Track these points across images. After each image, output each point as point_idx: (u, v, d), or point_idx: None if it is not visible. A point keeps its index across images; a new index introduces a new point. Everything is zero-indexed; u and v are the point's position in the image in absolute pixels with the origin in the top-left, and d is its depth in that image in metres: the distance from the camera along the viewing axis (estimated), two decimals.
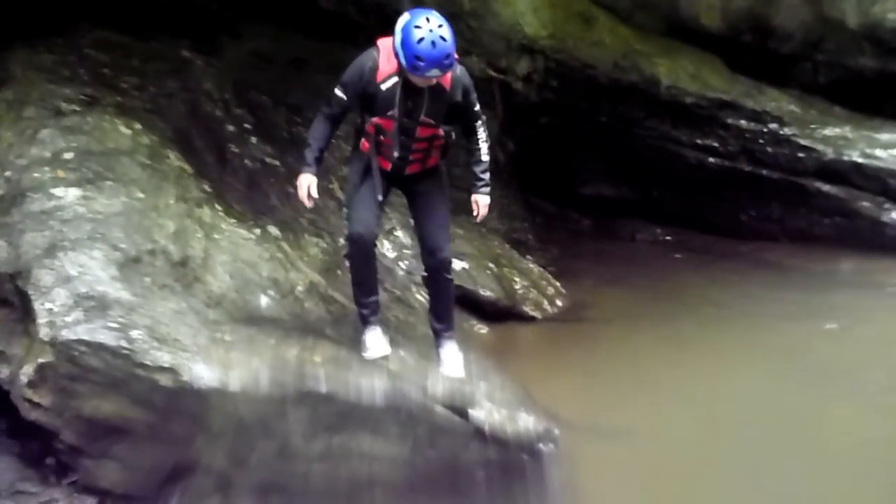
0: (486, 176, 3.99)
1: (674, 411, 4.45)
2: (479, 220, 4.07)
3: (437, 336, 4.17)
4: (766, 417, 4.39)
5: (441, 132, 3.86)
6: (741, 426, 4.31)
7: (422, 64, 3.57)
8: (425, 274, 4.15)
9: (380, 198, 3.94)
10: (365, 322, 4.10)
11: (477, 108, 3.92)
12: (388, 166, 3.95)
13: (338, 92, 3.85)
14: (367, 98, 3.81)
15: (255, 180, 5.39)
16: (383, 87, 3.75)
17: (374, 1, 6.86)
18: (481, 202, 4.01)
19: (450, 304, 4.20)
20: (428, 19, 3.58)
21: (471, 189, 4.03)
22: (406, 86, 3.72)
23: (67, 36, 5.51)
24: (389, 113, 3.79)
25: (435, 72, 3.60)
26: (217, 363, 3.63)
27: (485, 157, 3.96)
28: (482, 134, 3.94)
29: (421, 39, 3.54)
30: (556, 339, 5.71)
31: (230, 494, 3.65)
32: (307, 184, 3.91)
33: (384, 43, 3.78)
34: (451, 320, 4.20)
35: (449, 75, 3.73)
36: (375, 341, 4.05)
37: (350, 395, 3.72)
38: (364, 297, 4.10)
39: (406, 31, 3.58)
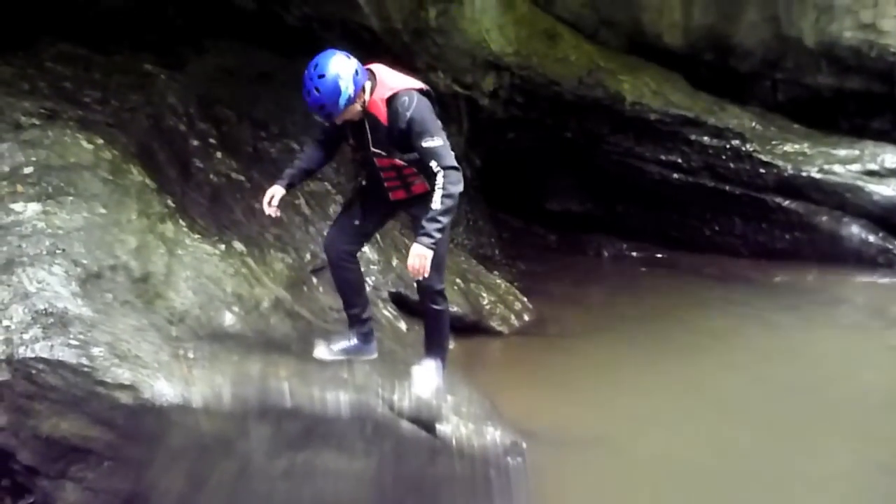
0: (430, 226, 3.59)
1: (640, 424, 4.48)
2: (409, 270, 3.68)
3: (423, 357, 4.14)
4: (732, 429, 4.44)
5: (400, 161, 3.80)
6: (706, 437, 4.35)
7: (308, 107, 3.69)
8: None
9: (356, 222, 4.00)
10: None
11: (427, 145, 3.63)
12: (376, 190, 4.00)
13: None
14: (335, 128, 3.91)
15: (220, 195, 5.34)
16: None
17: (339, 16, 6.88)
18: (413, 250, 3.62)
19: (434, 334, 4.09)
20: (316, 65, 3.63)
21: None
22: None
23: (27, 49, 5.43)
24: (350, 142, 3.92)
25: (318, 118, 3.74)
26: (179, 380, 3.57)
27: (434, 206, 3.60)
28: (440, 179, 3.60)
29: (303, 82, 3.66)
30: (522, 353, 5.73)
31: None
32: (270, 193, 3.98)
33: None
34: (435, 350, 4.09)
35: (383, 108, 3.73)
36: (325, 345, 4.09)
37: (315, 410, 3.68)
38: (344, 307, 4.16)
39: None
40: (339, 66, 3.63)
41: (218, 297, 4.33)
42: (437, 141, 3.66)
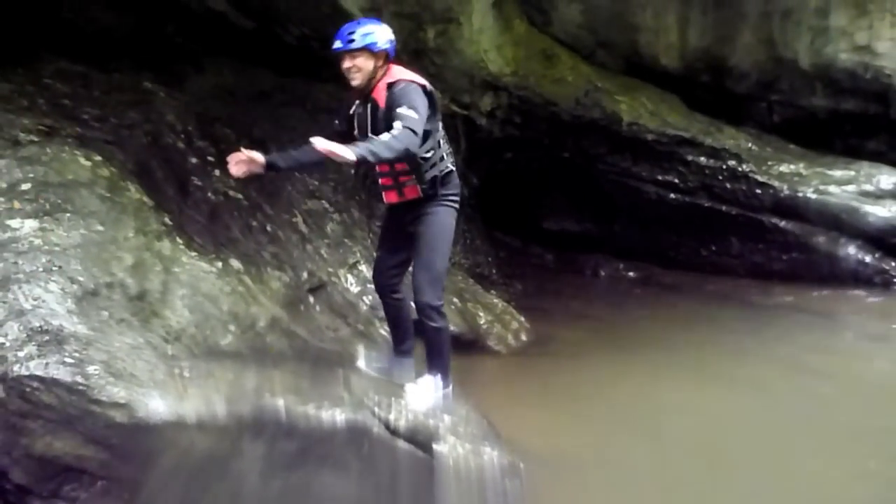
0: (367, 143, 3.57)
1: (639, 444, 4.45)
2: (318, 143, 3.50)
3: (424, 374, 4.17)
4: (731, 448, 4.42)
5: None
6: (705, 457, 4.33)
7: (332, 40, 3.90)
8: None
9: (382, 250, 4.21)
10: None
11: (401, 111, 3.67)
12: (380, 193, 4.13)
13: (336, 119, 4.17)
14: (347, 124, 4.06)
15: (217, 213, 5.33)
16: (351, 110, 4.05)
17: None
18: (338, 144, 3.49)
19: (433, 352, 4.09)
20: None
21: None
22: (361, 104, 3.98)
23: (27, 65, 5.44)
24: (355, 133, 4.01)
25: (337, 43, 3.89)
26: (174, 398, 3.55)
27: (382, 136, 3.59)
28: (397, 126, 3.60)
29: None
30: (520, 372, 5.71)
31: None
32: (249, 154, 3.99)
33: None
34: (435, 368, 4.09)
35: (384, 92, 3.87)
36: (367, 357, 4.34)
37: (310, 428, 3.65)
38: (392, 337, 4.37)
39: None
40: (385, 27, 3.97)
41: (214, 315, 4.31)
42: (412, 113, 3.68)
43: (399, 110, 3.71)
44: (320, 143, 3.51)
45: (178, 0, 6.88)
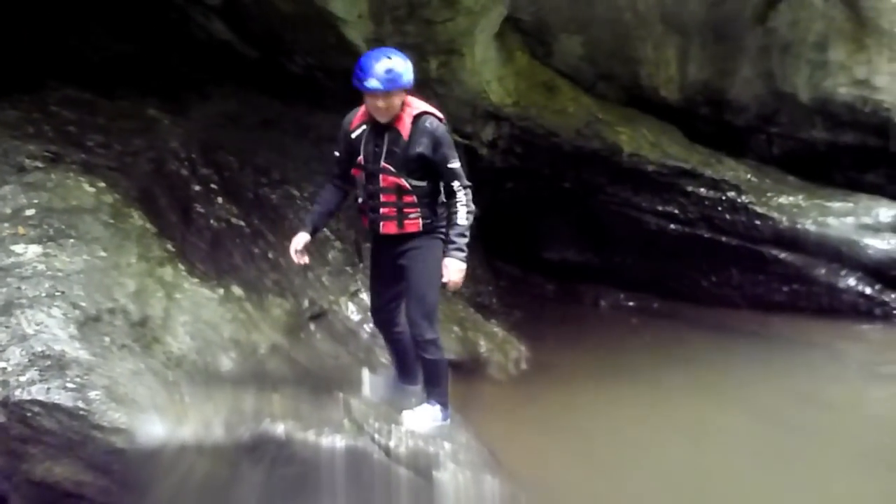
0: (460, 240, 3.92)
1: (640, 475, 4.44)
2: (449, 286, 3.96)
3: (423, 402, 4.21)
4: (732, 480, 4.40)
5: (405, 184, 3.89)
6: (702, 489, 4.31)
7: (361, 73, 3.79)
8: None
9: (377, 286, 4.27)
10: None
11: (452, 166, 3.89)
12: (367, 222, 4.08)
13: (334, 150, 4.12)
14: (347, 149, 4.02)
15: (220, 240, 5.36)
16: (354, 134, 3.98)
17: (342, 66, 6.97)
18: (450, 265, 3.92)
19: (431, 383, 4.15)
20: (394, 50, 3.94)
21: (444, 252, 3.98)
22: (371, 131, 3.92)
23: (33, 92, 5.50)
24: (358, 160, 3.97)
25: (374, 82, 3.76)
26: (174, 424, 3.55)
27: (461, 221, 3.90)
28: (461, 196, 3.90)
29: (367, 55, 3.87)
30: (519, 401, 5.69)
31: None
32: (294, 243, 4.16)
33: None
34: (433, 398, 4.16)
35: (408, 124, 3.87)
36: (371, 384, 4.45)
37: (309, 455, 3.65)
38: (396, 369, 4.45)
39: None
40: (407, 58, 3.92)
41: (215, 342, 4.33)
42: (458, 164, 3.94)
43: (451, 166, 3.89)
44: (458, 286, 3.98)
45: (184, 29, 6.98)
